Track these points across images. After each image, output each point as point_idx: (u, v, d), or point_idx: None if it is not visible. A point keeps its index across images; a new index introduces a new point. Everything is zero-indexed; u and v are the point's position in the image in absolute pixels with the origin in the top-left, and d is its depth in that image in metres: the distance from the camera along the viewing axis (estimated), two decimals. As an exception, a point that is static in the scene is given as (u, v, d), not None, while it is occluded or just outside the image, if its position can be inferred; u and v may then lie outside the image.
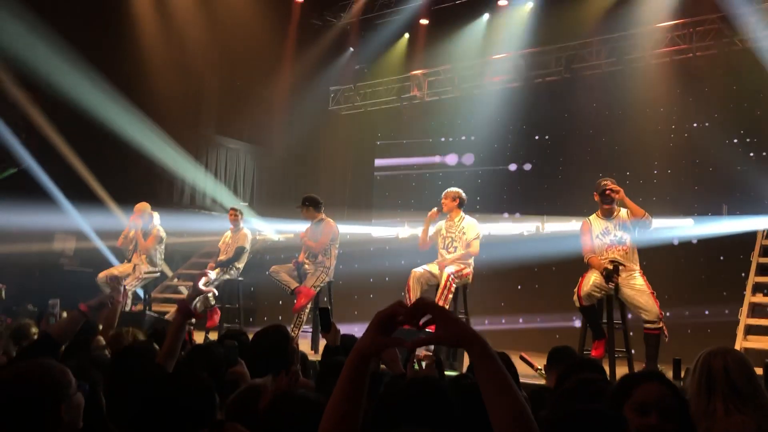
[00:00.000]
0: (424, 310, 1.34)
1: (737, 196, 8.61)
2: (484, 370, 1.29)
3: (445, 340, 1.33)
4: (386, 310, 1.36)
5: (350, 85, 13.30)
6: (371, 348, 1.36)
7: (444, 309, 1.36)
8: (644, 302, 5.04)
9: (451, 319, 1.33)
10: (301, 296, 6.57)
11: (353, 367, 1.37)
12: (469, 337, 1.31)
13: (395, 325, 1.35)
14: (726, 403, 2.10)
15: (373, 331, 1.36)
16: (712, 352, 2.26)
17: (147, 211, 7.92)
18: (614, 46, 10.51)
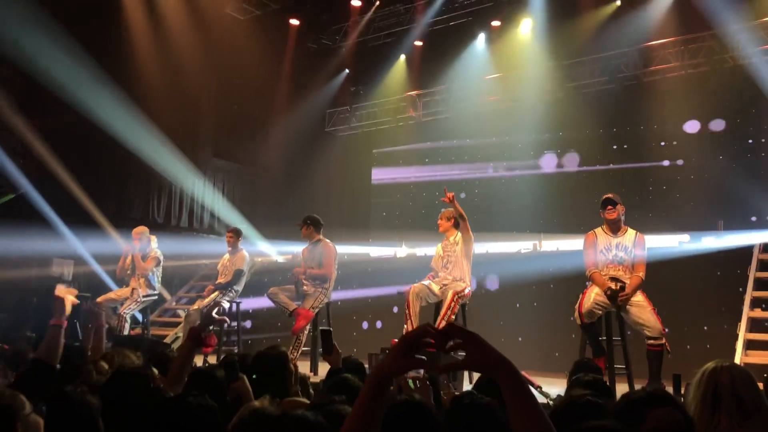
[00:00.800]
0: (454, 334, 1.33)
1: (733, 212, 8.66)
2: (513, 394, 1.29)
3: (474, 365, 1.32)
4: (414, 331, 1.34)
5: (346, 107, 13.40)
6: (397, 369, 1.34)
7: (474, 334, 1.33)
8: (646, 318, 5.04)
9: (481, 345, 1.32)
10: (300, 318, 6.55)
11: (374, 386, 1.35)
12: (499, 362, 1.30)
13: (421, 346, 1.34)
14: (731, 419, 2.10)
15: (399, 351, 1.34)
16: (717, 367, 2.25)
17: (145, 234, 7.93)
18: (606, 65, 10.63)
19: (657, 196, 9.83)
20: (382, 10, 12.12)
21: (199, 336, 2.94)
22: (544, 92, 11.24)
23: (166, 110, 10.46)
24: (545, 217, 10.28)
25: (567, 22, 10.73)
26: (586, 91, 10.87)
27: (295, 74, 12.71)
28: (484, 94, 11.87)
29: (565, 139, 10.82)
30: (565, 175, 10.77)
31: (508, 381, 1.30)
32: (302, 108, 12.81)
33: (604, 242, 5.42)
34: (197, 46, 11.28)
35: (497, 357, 1.31)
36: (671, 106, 10.16)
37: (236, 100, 12.04)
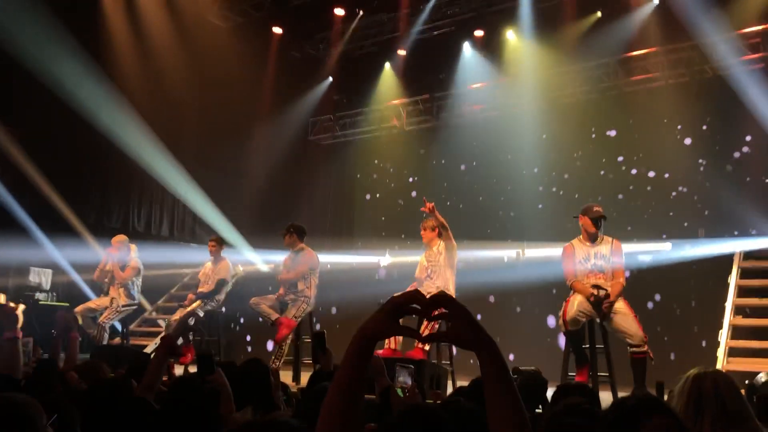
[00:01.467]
0: (443, 304, 1.30)
1: (713, 220, 8.73)
2: (492, 375, 1.28)
3: (457, 339, 1.31)
4: (403, 295, 1.32)
5: (329, 115, 13.38)
6: (383, 331, 1.32)
7: (463, 307, 1.31)
8: (628, 326, 5.05)
9: (468, 320, 1.30)
10: (283, 327, 6.49)
11: (358, 351, 1.32)
12: (483, 341, 1.29)
13: (406, 312, 1.32)
14: (714, 425, 2.09)
15: (385, 314, 1.31)
16: (701, 373, 2.25)
17: (125, 243, 7.83)
18: (588, 75, 10.71)
19: (638, 204, 9.89)
20: (366, 19, 12.14)
21: (172, 344, 2.88)
22: (528, 101, 11.31)
23: (147, 117, 10.37)
24: (528, 225, 10.30)
25: (549, 33, 10.81)
26: (568, 101, 10.94)
27: (278, 83, 12.67)
28: (468, 103, 11.92)
29: (548, 147, 10.87)
30: (548, 183, 10.81)
31: (489, 361, 1.28)
32: (285, 116, 12.77)
33: (582, 253, 5.44)
34: (179, 53, 11.21)
35: (482, 335, 1.29)
36: (653, 115, 10.25)
37: (218, 107, 11.98)
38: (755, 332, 6.48)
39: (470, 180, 11.74)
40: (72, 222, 10.12)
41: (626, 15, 10.38)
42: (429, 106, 12.32)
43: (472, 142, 11.95)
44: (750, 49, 9.44)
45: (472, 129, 11.98)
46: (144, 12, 11.03)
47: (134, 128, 10.19)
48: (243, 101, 12.26)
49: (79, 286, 9.86)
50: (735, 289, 6.68)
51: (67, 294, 10.00)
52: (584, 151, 10.68)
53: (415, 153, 12.59)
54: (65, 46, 9.34)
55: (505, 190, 11.22)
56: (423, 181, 12.25)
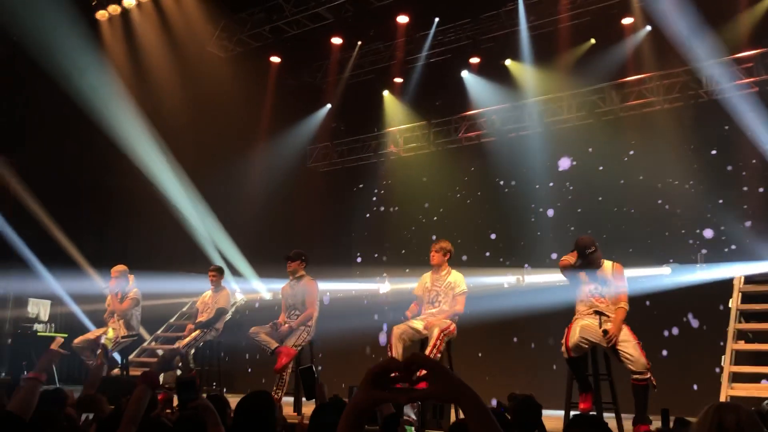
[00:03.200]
0: (419, 365, 1.34)
1: (712, 245, 8.74)
2: (478, 423, 1.31)
3: (439, 395, 1.34)
4: (379, 365, 1.35)
5: (327, 143, 13.44)
6: (367, 402, 1.35)
7: (438, 363, 1.35)
8: (630, 353, 5.01)
9: (446, 374, 1.33)
10: (282, 356, 6.43)
11: (348, 424, 1.36)
12: (463, 392, 1.32)
13: (389, 380, 1.35)
14: None
15: (367, 385, 1.34)
16: (722, 406, 2.23)
17: (124, 273, 7.80)
18: (584, 101, 10.80)
19: (638, 229, 9.90)
20: (363, 48, 12.26)
21: (151, 380, 2.86)
22: (524, 128, 11.39)
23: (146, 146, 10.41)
24: (529, 251, 10.30)
25: (545, 59, 10.92)
26: (564, 126, 11.02)
27: (276, 111, 12.75)
28: (464, 130, 12.01)
29: (547, 173, 10.91)
30: (547, 209, 10.83)
31: (469, 408, 1.32)
32: (284, 144, 12.82)
33: (584, 275, 5.41)
34: (178, 82, 11.29)
35: (458, 385, 1.33)
36: (648, 140, 10.31)
37: (217, 136, 12.03)
38: (759, 357, 6.45)
39: (469, 204, 11.77)
40: (71, 253, 10.10)
41: (620, 41, 10.50)
42: (426, 132, 12.39)
43: (469, 168, 12.01)
44: (744, 74, 9.54)
45: (470, 155, 12.05)
46: (144, 42, 11.13)
47: (132, 157, 10.22)
48: (241, 129, 12.33)
49: (78, 317, 9.81)
50: (736, 314, 6.66)
51: (66, 325, 9.95)
52: (583, 176, 10.72)
53: (413, 179, 12.62)
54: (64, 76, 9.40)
55: (503, 215, 11.23)
56: (422, 208, 12.26)
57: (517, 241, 10.81)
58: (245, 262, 11.29)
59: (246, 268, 11.20)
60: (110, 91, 10.42)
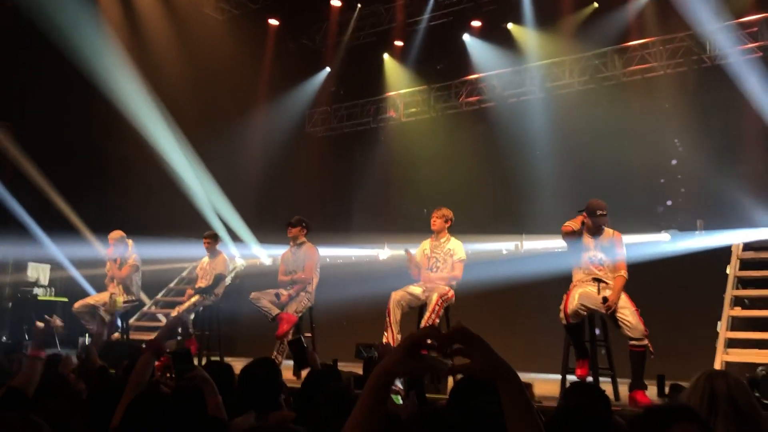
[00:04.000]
0: (461, 338, 1.31)
1: (712, 211, 8.72)
2: (512, 403, 1.30)
3: (479, 372, 1.31)
4: (419, 332, 1.33)
5: (326, 107, 13.34)
6: (402, 370, 1.32)
7: (480, 338, 1.32)
8: (629, 320, 5.04)
9: (487, 350, 1.31)
10: (283, 322, 6.48)
11: (376, 387, 1.32)
12: (501, 368, 1.30)
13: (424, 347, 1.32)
14: (727, 424, 2.12)
15: (403, 352, 1.32)
16: (712, 373, 2.27)
17: (122, 239, 7.80)
18: (586, 65, 10.68)
19: (638, 195, 9.88)
20: (363, 10, 12.09)
21: (157, 347, 2.88)
22: (525, 93, 11.29)
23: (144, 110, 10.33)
24: (527, 217, 10.29)
25: (547, 23, 10.77)
26: (566, 91, 10.92)
27: (274, 74, 12.62)
28: (464, 95, 11.90)
29: (547, 139, 10.84)
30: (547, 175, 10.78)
31: (508, 389, 1.30)
32: (282, 108, 12.72)
33: (585, 241, 5.41)
34: (175, 45, 11.17)
35: (500, 364, 1.30)
36: (650, 105, 10.23)
37: (214, 99, 11.94)
38: (754, 323, 6.50)
39: (469, 171, 11.71)
40: (70, 217, 10.10)
41: (623, 5, 10.34)
42: (427, 97, 12.28)
43: (470, 133, 11.92)
44: (748, 38, 9.42)
45: (471, 120, 11.96)
46: (141, 5, 10.97)
47: (130, 121, 10.16)
48: (239, 93, 12.23)
49: (78, 282, 9.85)
50: (734, 280, 6.69)
51: (66, 289, 10.00)
52: (584, 141, 10.65)
53: (412, 145, 12.55)
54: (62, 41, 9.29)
55: (502, 182, 11.20)
56: (421, 173, 12.21)
57: (516, 208, 10.78)
58: (245, 227, 11.29)
59: (246, 234, 11.20)
60: (108, 56, 10.30)
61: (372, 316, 7.63)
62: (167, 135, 10.47)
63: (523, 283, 7.64)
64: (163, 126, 10.44)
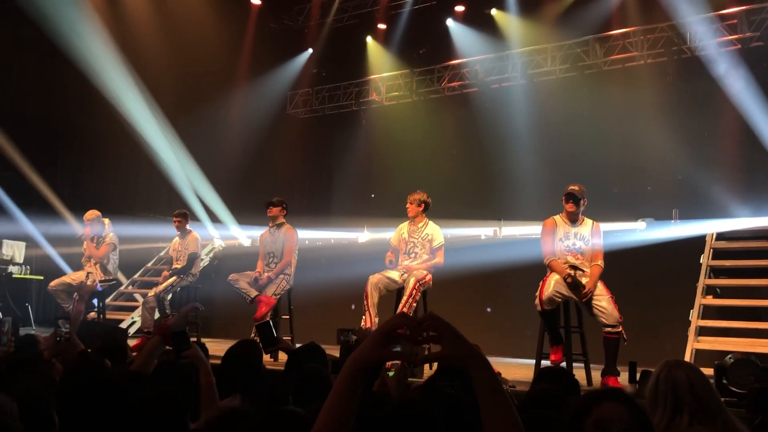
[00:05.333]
0: (431, 325, 1.33)
1: (687, 201, 8.84)
2: (484, 387, 1.32)
3: (451, 358, 1.34)
4: (390, 321, 1.35)
5: (308, 89, 13.26)
6: (373, 359, 1.34)
7: (450, 325, 1.35)
8: (604, 307, 5.11)
9: (457, 336, 1.34)
10: (262, 305, 6.47)
11: (350, 377, 1.34)
12: (472, 355, 1.33)
13: (396, 337, 1.34)
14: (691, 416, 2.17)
15: (375, 342, 1.34)
16: (670, 363, 2.31)
17: (98, 218, 7.72)
18: (568, 53, 10.72)
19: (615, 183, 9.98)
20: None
21: (167, 335, 2.86)
22: (507, 79, 11.32)
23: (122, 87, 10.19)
24: (506, 203, 10.36)
25: (530, 10, 10.78)
26: (547, 79, 10.97)
27: (255, 55, 12.51)
28: (447, 79, 11.90)
29: (528, 125, 10.89)
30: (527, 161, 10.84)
31: (479, 373, 1.32)
32: (263, 89, 12.62)
33: (562, 230, 5.46)
34: (154, 21, 11.01)
35: (471, 349, 1.33)
36: (630, 94, 10.31)
37: (195, 78, 11.81)
38: (725, 312, 6.62)
39: (450, 156, 11.75)
40: (46, 195, 9.98)
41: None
42: (409, 81, 12.26)
43: (452, 118, 11.94)
44: (727, 30, 9.52)
45: (452, 105, 11.97)
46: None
47: (107, 98, 10.02)
48: (221, 72, 12.11)
49: (54, 260, 9.75)
50: (707, 269, 6.80)
51: (42, 267, 9.90)
52: (564, 129, 10.73)
53: (394, 128, 12.54)
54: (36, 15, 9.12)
55: (483, 167, 11.25)
56: (402, 157, 12.21)
57: (495, 193, 10.85)
58: (224, 207, 11.22)
59: (225, 214, 11.14)
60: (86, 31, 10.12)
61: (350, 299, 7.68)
62: (145, 113, 10.34)
63: (501, 269, 7.70)
64: (142, 104, 10.31)
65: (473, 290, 8.38)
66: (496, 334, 7.78)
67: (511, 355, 7.34)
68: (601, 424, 1.70)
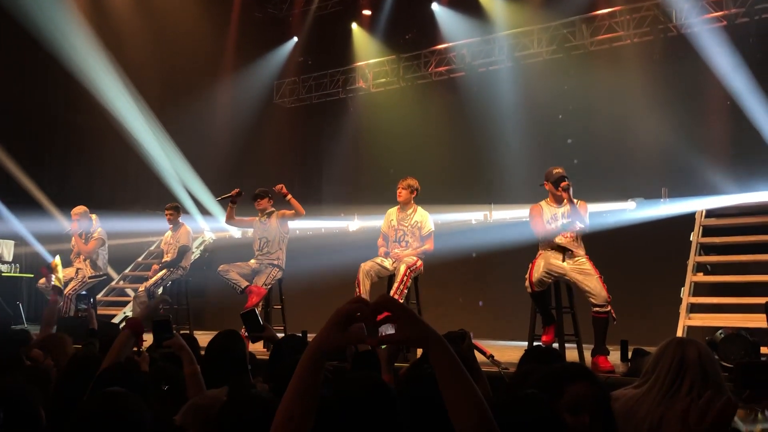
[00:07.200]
0: (385, 307, 1.34)
1: (676, 179, 8.85)
2: (443, 368, 1.33)
3: (406, 339, 1.35)
4: (345, 306, 1.36)
5: (294, 78, 13.19)
6: (332, 343, 1.35)
7: (406, 307, 1.36)
8: (592, 286, 5.11)
9: (413, 318, 1.34)
10: (253, 295, 6.47)
11: (311, 363, 1.36)
12: (429, 336, 1.33)
13: (353, 321, 1.35)
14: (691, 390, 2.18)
15: (332, 326, 1.35)
16: (682, 341, 2.33)
17: (85, 214, 7.66)
18: (554, 34, 10.69)
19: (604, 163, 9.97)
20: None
21: (137, 328, 2.83)
22: (494, 62, 11.28)
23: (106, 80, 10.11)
24: (496, 187, 10.35)
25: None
26: (534, 61, 10.94)
27: (240, 44, 12.42)
28: (434, 64, 11.85)
29: (516, 108, 10.87)
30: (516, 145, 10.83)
31: (437, 354, 1.33)
32: (249, 79, 12.54)
33: (549, 213, 5.46)
34: (137, 12, 10.90)
35: (427, 331, 1.33)
36: (617, 74, 10.29)
37: (180, 69, 11.71)
38: (715, 288, 6.65)
39: (439, 141, 11.71)
40: (33, 193, 9.91)
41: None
42: (396, 67, 12.20)
43: (439, 103, 11.90)
44: (713, 7, 9.50)
45: (440, 90, 11.92)
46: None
47: (92, 92, 9.93)
48: (206, 63, 12.03)
49: (43, 257, 9.70)
50: (697, 247, 6.82)
51: (31, 265, 9.84)
52: (552, 111, 10.71)
53: (382, 115, 12.49)
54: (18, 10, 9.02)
55: (472, 151, 11.22)
56: (391, 144, 12.17)
57: (485, 177, 10.84)
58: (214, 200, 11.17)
59: (214, 207, 11.08)
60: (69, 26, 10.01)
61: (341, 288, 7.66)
62: (131, 106, 10.26)
63: (492, 253, 7.71)
64: (127, 98, 10.22)
65: (465, 275, 8.39)
66: (490, 317, 7.79)
67: (505, 337, 7.35)
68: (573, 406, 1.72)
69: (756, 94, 8.51)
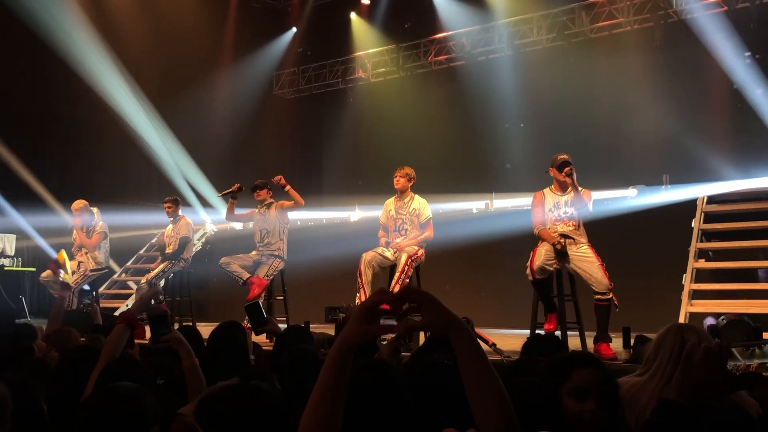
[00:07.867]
0: (411, 297, 1.34)
1: (678, 166, 8.84)
2: (466, 355, 1.33)
3: (432, 327, 1.35)
4: (371, 298, 1.36)
5: (293, 69, 13.15)
6: (359, 337, 1.34)
7: (430, 295, 1.35)
8: (594, 274, 5.11)
9: (438, 305, 1.34)
10: (254, 287, 6.47)
11: (338, 358, 1.35)
12: (452, 323, 1.33)
13: (379, 314, 1.35)
14: None
15: (359, 320, 1.34)
16: (682, 327, 2.33)
17: (86, 208, 7.66)
18: (554, 22, 10.64)
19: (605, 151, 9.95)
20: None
21: (132, 319, 2.84)
22: (493, 50, 11.23)
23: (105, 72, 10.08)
24: (496, 176, 10.34)
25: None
26: (534, 49, 10.89)
27: (239, 35, 12.37)
28: (433, 53, 11.80)
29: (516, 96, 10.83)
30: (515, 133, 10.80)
31: (460, 341, 1.33)
32: (248, 70, 12.50)
33: (552, 201, 5.45)
34: (137, 6, 10.86)
35: (450, 318, 1.34)
36: (617, 61, 10.25)
37: (178, 61, 11.68)
38: (718, 274, 6.65)
39: (439, 130, 11.68)
40: (34, 187, 9.91)
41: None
42: (395, 56, 12.16)
43: (440, 92, 11.86)
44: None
45: (440, 79, 11.88)
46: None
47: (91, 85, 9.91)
48: (203, 55, 11.98)
49: (45, 251, 9.71)
50: (698, 233, 6.82)
51: (33, 259, 9.86)
52: (552, 99, 10.67)
53: (382, 105, 12.45)
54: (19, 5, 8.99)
55: (472, 140, 11.20)
56: (392, 134, 12.15)
57: (486, 166, 10.82)
58: (214, 191, 11.17)
59: (215, 199, 11.09)
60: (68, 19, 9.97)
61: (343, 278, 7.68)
62: (130, 99, 10.24)
63: (493, 241, 7.71)
64: (126, 90, 10.20)
65: (467, 264, 8.40)
66: (492, 305, 7.81)
67: (507, 326, 7.37)
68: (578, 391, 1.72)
69: (756, 79, 8.47)
